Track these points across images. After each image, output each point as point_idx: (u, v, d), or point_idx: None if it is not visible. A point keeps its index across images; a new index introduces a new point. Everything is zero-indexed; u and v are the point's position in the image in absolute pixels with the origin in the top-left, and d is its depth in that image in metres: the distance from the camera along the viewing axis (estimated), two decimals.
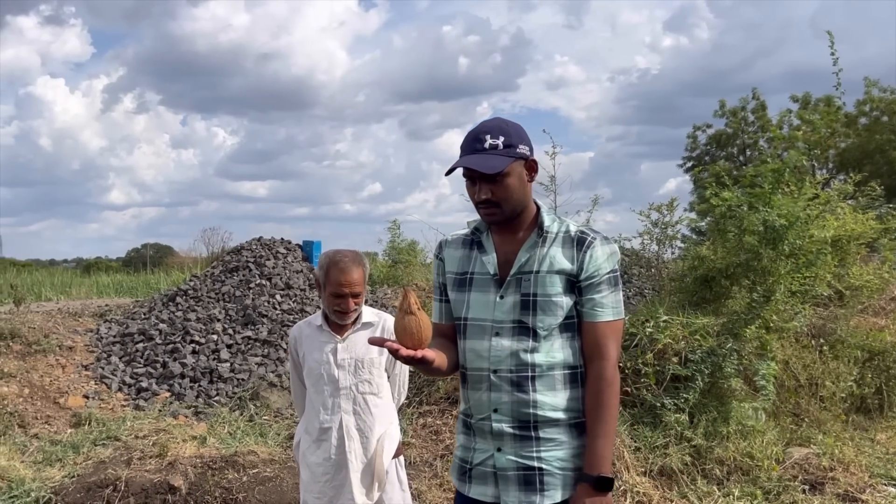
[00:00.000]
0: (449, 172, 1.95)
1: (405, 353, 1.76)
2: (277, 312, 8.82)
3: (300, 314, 8.82)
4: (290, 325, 8.43)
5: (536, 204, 2.04)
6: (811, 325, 5.92)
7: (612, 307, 1.95)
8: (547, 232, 1.98)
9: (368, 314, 2.90)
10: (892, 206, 7.08)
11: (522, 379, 1.93)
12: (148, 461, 4.86)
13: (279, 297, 9.26)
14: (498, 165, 1.88)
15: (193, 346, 7.98)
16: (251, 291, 9.32)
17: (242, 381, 7.27)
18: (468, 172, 1.95)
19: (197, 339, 8.08)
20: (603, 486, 1.87)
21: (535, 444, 1.94)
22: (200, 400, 6.98)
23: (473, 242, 2.07)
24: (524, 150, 1.95)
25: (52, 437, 5.76)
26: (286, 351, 7.73)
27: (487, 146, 1.91)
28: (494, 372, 1.95)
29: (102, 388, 7.16)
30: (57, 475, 4.77)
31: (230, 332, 8.34)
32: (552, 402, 1.93)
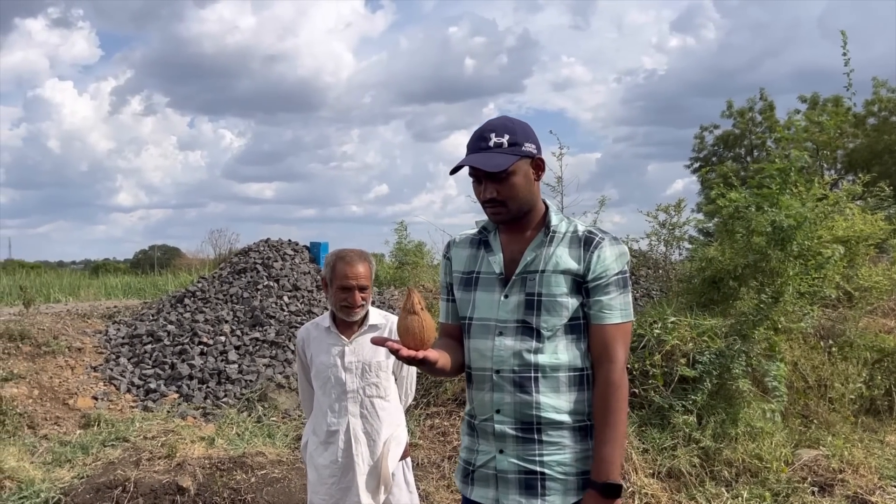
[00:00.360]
0: (454, 171, 1.90)
1: (405, 353, 1.73)
2: (285, 314, 8.84)
3: (308, 315, 8.84)
4: (297, 326, 8.45)
5: (545, 203, 1.99)
6: (820, 326, 5.89)
7: (620, 309, 1.89)
8: (554, 231, 1.93)
9: (375, 316, 2.91)
10: None
11: (525, 380, 1.88)
12: (156, 462, 4.88)
13: (287, 298, 9.28)
14: (502, 164, 1.84)
15: (201, 347, 8.01)
16: (259, 293, 9.35)
17: (250, 382, 7.29)
18: (474, 171, 1.90)
19: (205, 340, 8.11)
20: (611, 492, 1.81)
21: (537, 446, 1.89)
22: (209, 401, 7.01)
23: (481, 242, 2.03)
24: (530, 148, 1.90)
25: (61, 438, 5.80)
26: (294, 352, 7.73)
27: (492, 144, 1.87)
28: (497, 372, 1.91)
29: (111, 389, 7.19)
30: (66, 476, 4.80)
31: (238, 333, 8.37)
32: (556, 404, 1.88)
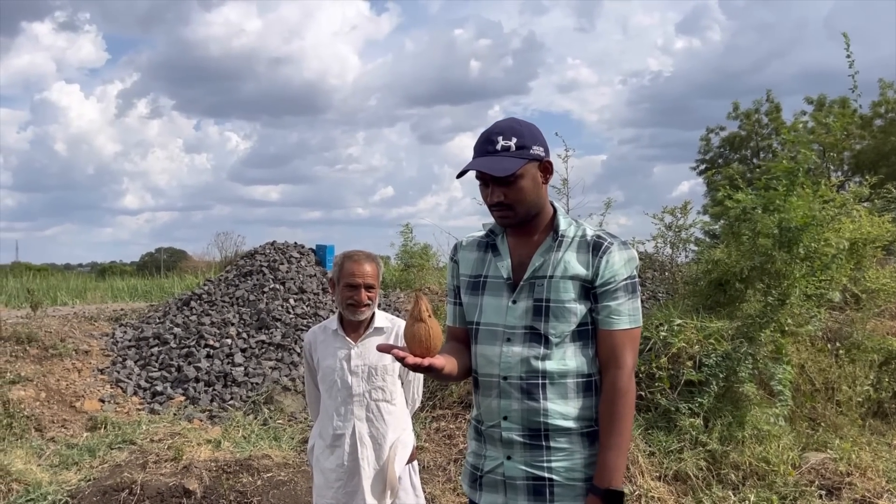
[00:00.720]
0: (460, 175, 1.89)
1: (411, 360, 1.72)
2: (291, 316, 8.86)
3: (314, 318, 8.85)
4: (303, 328, 8.46)
5: (553, 206, 1.97)
6: (827, 328, 5.87)
7: (628, 315, 1.87)
8: (563, 236, 1.91)
9: (381, 319, 2.91)
10: None
11: (533, 386, 1.86)
12: (163, 465, 4.89)
13: (293, 301, 9.30)
14: (510, 168, 1.82)
15: (208, 350, 8.02)
16: (265, 295, 9.37)
17: (256, 384, 7.30)
18: (481, 175, 1.88)
19: (211, 343, 8.13)
20: (612, 499, 1.80)
21: (545, 453, 1.87)
22: (215, 404, 7.02)
23: (488, 245, 2.01)
24: (538, 151, 1.87)
25: (68, 440, 5.81)
26: (300, 355, 7.75)
27: (500, 148, 1.84)
28: (505, 378, 1.89)
29: (118, 391, 7.21)
30: (73, 479, 4.81)
31: (244, 336, 8.38)
32: (563, 410, 1.87)
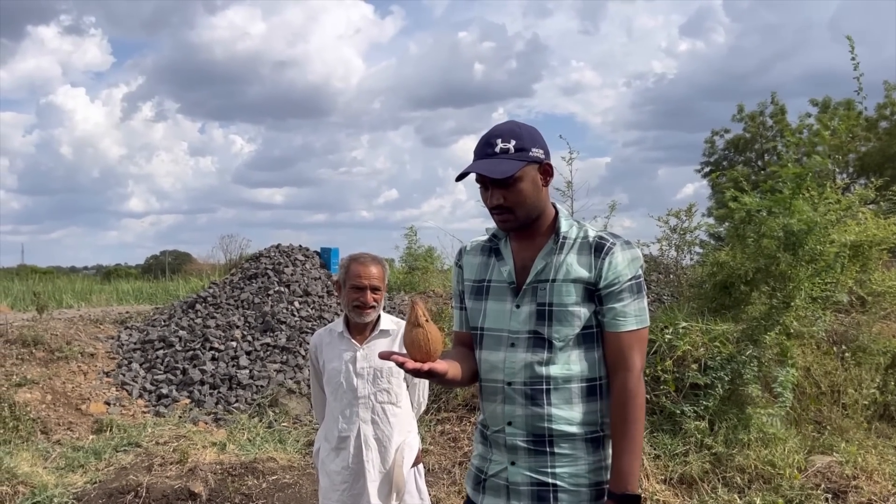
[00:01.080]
0: (459, 178, 1.86)
1: (411, 365, 1.71)
2: (296, 319, 8.87)
3: (318, 321, 8.87)
4: (308, 331, 8.48)
5: (555, 208, 1.95)
6: (833, 331, 5.85)
7: (634, 316, 1.84)
8: (564, 238, 1.89)
9: (387, 321, 2.92)
10: None
11: (537, 392, 1.84)
12: (168, 467, 4.91)
13: (297, 303, 9.31)
14: (509, 170, 1.80)
15: (213, 352, 8.04)
16: (270, 298, 9.38)
17: (261, 387, 7.32)
18: (480, 178, 1.86)
19: (216, 345, 8.14)
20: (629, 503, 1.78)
21: (549, 459, 1.85)
22: (220, 406, 7.03)
23: (492, 249, 2.00)
24: (538, 153, 1.86)
25: (74, 443, 5.83)
26: (305, 357, 7.76)
27: (499, 150, 1.83)
28: (509, 384, 1.88)
29: (123, 394, 7.23)
30: (79, 481, 4.83)
31: (249, 338, 8.40)
32: (568, 415, 1.85)
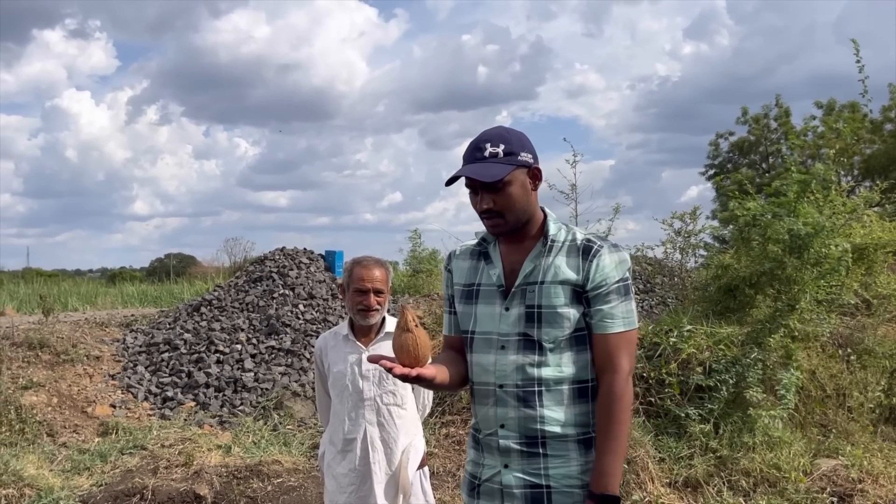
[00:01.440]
0: (449, 182, 1.89)
1: (399, 370, 1.73)
2: (300, 322, 8.88)
3: (323, 324, 8.88)
4: (312, 334, 8.49)
5: (544, 212, 1.98)
6: (838, 334, 5.84)
7: (622, 317, 1.85)
8: (553, 241, 1.91)
9: (392, 324, 2.93)
10: None
11: (529, 394, 1.86)
12: (174, 470, 4.92)
13: (302, 306, 9.33)
14: (497, 174, 1.82)
15: (218, 355, 8.06)
16: (274, 301, 9.40)
17: (266, 390, 7.33)
18: (470, 182, 1.89)
19: (221, 348, 8.16)
20: None
21: (542, 460, 1.86)
22: (225, 409, 7.05)
23: (481, 254, 2.02)
24: (526, 157, 1.88)
25: (79, 445, 5.85)
26: (309, 360, 7.78)
27: (487, 154, 1.85)
28: (500, 387, 1.89)
29: (129, 397, 7.25)
30: (85, 483, 4.85)
31: (254, 341, 8.42)
32: (560, 417, 1.86)
